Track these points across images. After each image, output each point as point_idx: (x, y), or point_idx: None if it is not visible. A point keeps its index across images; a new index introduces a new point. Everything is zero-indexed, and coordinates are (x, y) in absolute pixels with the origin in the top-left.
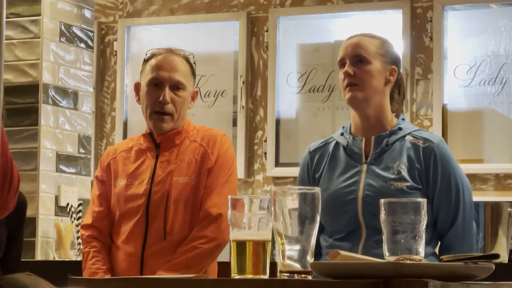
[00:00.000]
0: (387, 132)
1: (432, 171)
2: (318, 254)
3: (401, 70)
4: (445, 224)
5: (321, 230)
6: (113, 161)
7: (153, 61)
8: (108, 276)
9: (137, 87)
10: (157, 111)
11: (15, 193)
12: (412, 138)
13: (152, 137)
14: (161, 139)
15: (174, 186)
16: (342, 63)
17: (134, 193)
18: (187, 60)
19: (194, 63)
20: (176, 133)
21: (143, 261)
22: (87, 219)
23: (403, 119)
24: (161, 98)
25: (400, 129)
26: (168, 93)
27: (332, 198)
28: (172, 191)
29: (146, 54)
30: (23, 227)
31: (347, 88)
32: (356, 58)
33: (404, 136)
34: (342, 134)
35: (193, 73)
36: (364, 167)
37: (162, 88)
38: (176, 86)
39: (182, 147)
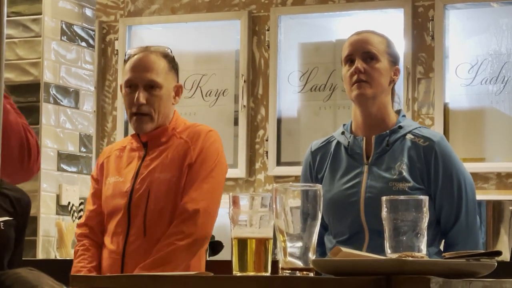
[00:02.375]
0: (388, 131)
1: (433, 169)
2: (323, 253)
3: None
4: (449, 221)
5: (326, 229)
6: (107, 160)
7: (129, 64)
8: (91, 274)
9: (122, 88)
10: (134, 113)
11: (37, 158)
12: (412, 137)
13: (139, 137)
14: (146, 138)
15: (155, 183)
16: (349, 59)
17: (118, 191)
18: (165, 56)
19: (173, 58)
20: (161, 131)
21: (124, 258)
22: (82, 218)
23: (403, 115)
24: (135, 100)
25: (400, 127)
26: (142, 94)
27: (335, 201)
28: (153, 188)
29: (125, 55)
30: (26, 227)
31: (356, 84)
32: (366, 54)
33: (404, 135)
34: (343, 133)
35: (174, 68)
36: (366, 168)
37: (136, 89)
38: (150, 86)
39: (168, 144)
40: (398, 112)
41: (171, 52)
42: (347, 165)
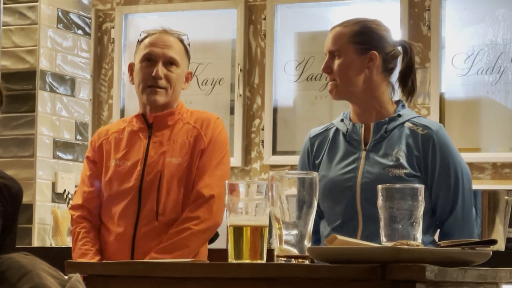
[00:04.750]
0: (387, 118)
1: (430, 158)
2: (317, 240)
3: (394, 51)
4: (444, 211)
5: (321, 217)
6: (106, 142)
7: (147, 40)
8: (98, 258)
9: (131, 67)
10: (150, 85)
11: None
12: (411, 125)
13: (144, 118)
14: (153, 119)
15: (167, 167)
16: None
17: (126, 174)
18: (181, 40)
19: (189, 44)
20: (168, 114)
21: (134, 242)
22: (77, 199)
23: (403, 105)
24: (153, 73)
25: (399, 115)
26: (161, 69)
27: (331, 185)
28: (165, 172)
29: (140, 35)
30: (18, 215)
31: (328, 83)
32: (331, 53)
33: (403, 123)
34: (342, 120)
35: (187, 54)
36: (363, 154)
37: (155, 64)
38: (170, 62)
39: (175, 128)
40: (397, 102)
41: (187, 38)
42: (345, 151)
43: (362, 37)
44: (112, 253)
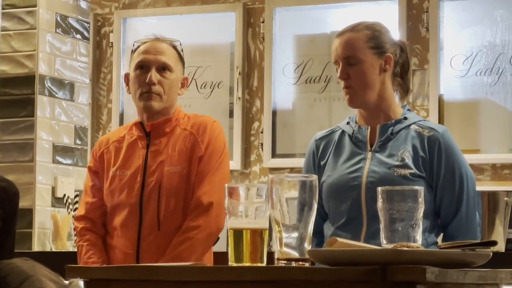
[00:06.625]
0: (393, 121)
1: (436, 160)
2: (321, 242)
3: (398, 52)
4: (449, 213)
5: (324, 219)
6: (106, 151)
7: (140, 49)
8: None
9: (126, 77)
10: (145, 92)
11: None
12: (417, 127)
13: (142, 126)
14: (151, 128)
15: (166, 176)
16: (336, 63)
17: (126, 184)
18: (173, 47)
19: (182, 50)
20: (165, 121)
21: (139, 253)
22: (81, 210)
23: (408, 109)
24: (147, 79)
25: (405, 118)
26: (154, 74)
27: (336, 184)
28: (164, 181)
29: (133, 45)
30: (17, 218)
31: (344, 90)
32: (347, 60)
33: (409, 125)
34: (348, 123)
35: (181, 60)
36: (369, 154)
37: (148, 70)
38: (163, 67)
39: (173, 135)
40: (403, 106)
41: (180, 44)
42: (351, 151)
43: (376, 41)
44: (117, 263)
